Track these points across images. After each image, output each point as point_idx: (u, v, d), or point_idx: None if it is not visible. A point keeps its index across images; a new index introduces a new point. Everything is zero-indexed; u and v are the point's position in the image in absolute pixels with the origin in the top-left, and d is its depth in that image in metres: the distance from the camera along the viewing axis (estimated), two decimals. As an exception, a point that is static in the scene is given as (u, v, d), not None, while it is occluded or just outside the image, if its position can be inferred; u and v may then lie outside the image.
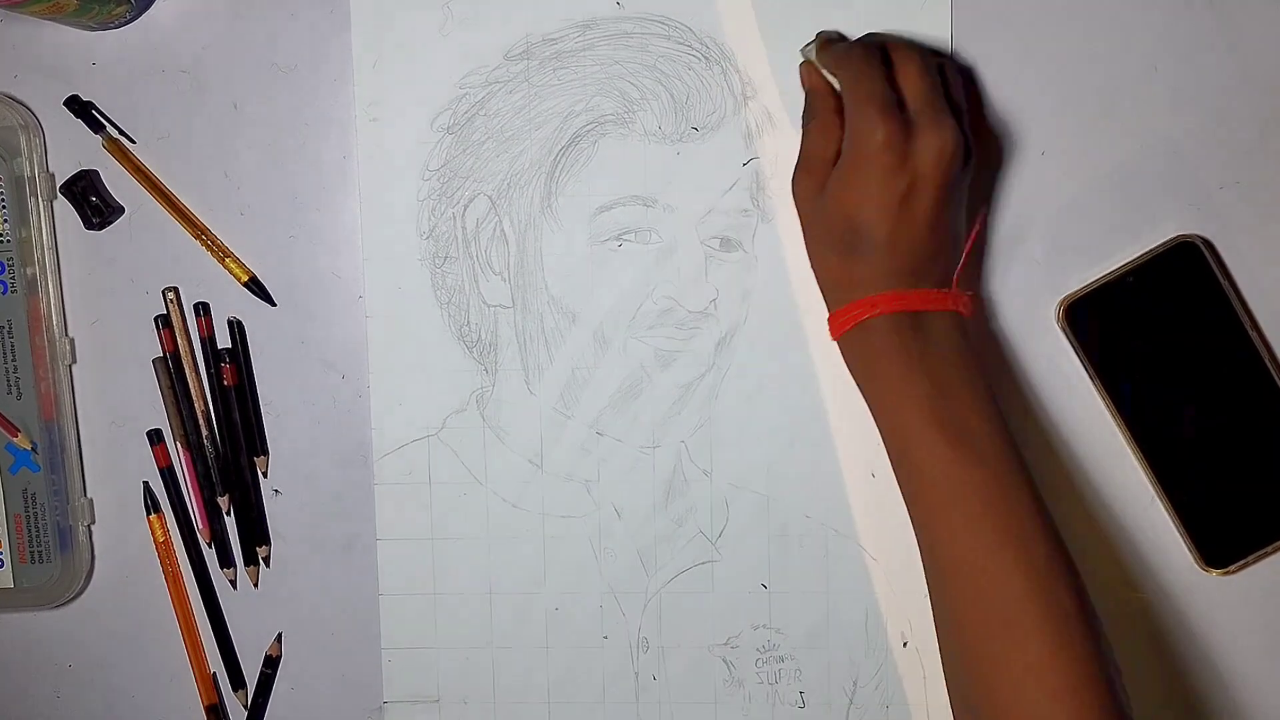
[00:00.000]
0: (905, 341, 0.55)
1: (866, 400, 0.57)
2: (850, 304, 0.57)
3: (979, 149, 0.59)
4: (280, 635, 0.67)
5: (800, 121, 0.60)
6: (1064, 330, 0.62)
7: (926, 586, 0.56)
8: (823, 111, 0.58)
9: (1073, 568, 0.53)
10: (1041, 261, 0.63)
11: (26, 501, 0.66)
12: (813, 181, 0.58)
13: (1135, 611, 0.64)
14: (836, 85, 0.59)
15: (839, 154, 0.57)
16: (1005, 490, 0.54)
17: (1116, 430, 0.63)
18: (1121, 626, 0.64)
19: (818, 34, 0.61)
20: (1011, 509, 0.53)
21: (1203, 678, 0.64)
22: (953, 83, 0.58)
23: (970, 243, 0.59)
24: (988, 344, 0.63)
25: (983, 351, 0.63)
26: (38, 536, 0.66)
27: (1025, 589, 0.52)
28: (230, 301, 0.65)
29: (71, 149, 0.65)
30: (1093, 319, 0.62)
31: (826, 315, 0.59)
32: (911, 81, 0.56)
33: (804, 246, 0.60)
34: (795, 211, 0.60)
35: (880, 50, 0.58)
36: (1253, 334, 0.61)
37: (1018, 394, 0.64)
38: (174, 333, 0.65)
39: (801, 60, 0.61)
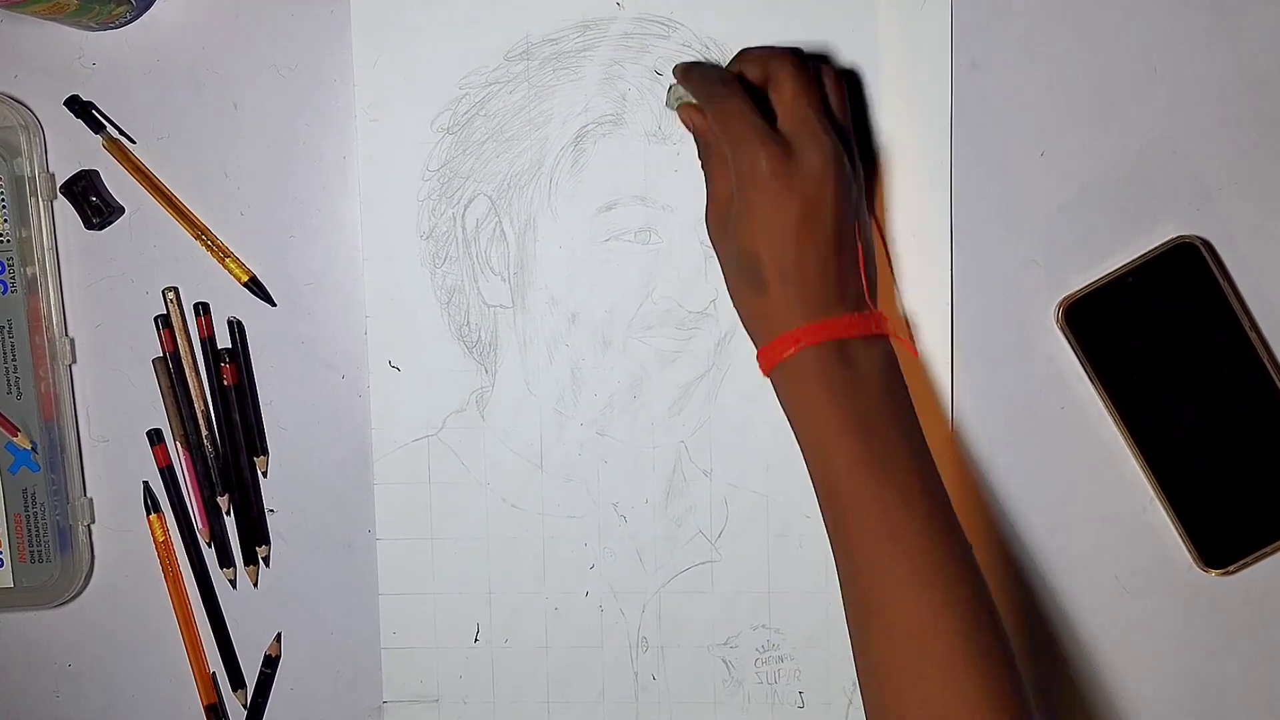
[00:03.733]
0: (830, 377, 0.54)
1: (796, 437, 0.56)
2: (772, 342, 0.55)
3: (862, 157, 0.57)
4: (280, 635, 0.67)
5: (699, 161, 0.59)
6: (1064, 330, 0.62)
7: (846, 624, 0.55)
8: (714, 148, 0.57)
9: (995, 608, 0.53)
10: (1041, 261, 0.63)
11: (26, 501, 0.66)
12: (719, 221, 0.57)
13: (1134, 612, 0.64)
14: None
15: None
16: (933, 532, 0.53)
17: (1116, 430, 0.63)
18: (1120, 627, 0.64)
19: (674, 69, 0.60)
20: (937, 550, 0.53)
21: (1201, 678, 0.64)
22: (831, 90, 0.57)
23: (862, 259, 0.56)
24: (986, 344, 0.63)
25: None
26: (37, 536, 0.66)
27: (952, 629, 0.51)
28: (230, 301, 0.65)
29: (71, 149, 0.65)
30: (1093, 319, 0.62)
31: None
32: (785, 97, 0.55)
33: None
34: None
35: (741, 71, 0.57)
36: (1252, 334, 0.61)
37: (1018, 394, 0.64)
38: (174, 333, 0.65)
39: (675, 105, 0.60)
